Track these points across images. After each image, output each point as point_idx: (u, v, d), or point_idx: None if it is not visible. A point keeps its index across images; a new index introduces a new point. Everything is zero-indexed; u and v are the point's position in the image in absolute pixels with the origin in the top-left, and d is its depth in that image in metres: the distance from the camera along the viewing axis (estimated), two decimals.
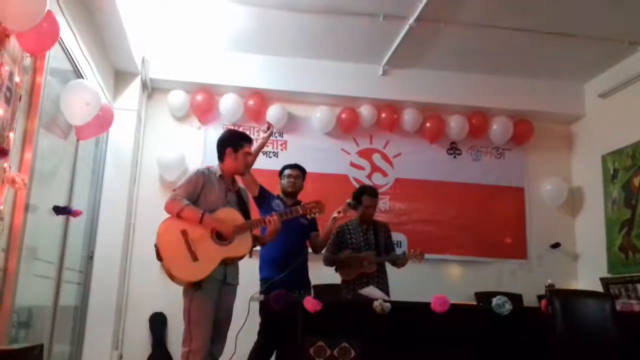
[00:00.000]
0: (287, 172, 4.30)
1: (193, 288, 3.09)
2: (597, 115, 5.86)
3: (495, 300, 3.34)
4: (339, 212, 4.07)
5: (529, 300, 5.45)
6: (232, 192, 3.43)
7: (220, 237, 3.18)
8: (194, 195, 3.24)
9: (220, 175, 3.40)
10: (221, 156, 3.45)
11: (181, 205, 3.14)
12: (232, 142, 3.44)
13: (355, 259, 4.29)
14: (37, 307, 3.73)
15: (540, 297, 5.40)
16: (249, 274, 3.93)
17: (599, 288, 5.31)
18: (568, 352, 2.99)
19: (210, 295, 3.14)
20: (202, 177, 3.32)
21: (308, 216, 3.64)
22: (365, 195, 4.43)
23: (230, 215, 3.25)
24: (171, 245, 3.09)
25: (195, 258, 3.08)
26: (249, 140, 3.51)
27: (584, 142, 6.07)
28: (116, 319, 4.98)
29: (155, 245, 3.12)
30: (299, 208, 3.53)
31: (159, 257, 3.12)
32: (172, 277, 3.11)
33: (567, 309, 3.05)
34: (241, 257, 3.29)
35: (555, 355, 3.01)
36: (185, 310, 3.14)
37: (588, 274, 5.70)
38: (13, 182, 2.73)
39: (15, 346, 2.24)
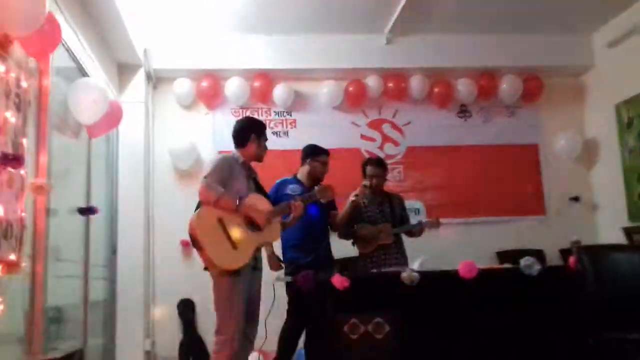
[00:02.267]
0: (323, 158, 4.22)
1: (231, 276, 3.09)
2: (607, 65, 5.76)
3: (523, 262, 3.34)
4: (356, 195, 4.05)
5: (551, 255, 5.47)
6: (251, 179, 3.44)
7: (252, 224, 3.19)
8: (223, 181, 3.21)
9: (242, 162, 3.40)
10: (243, 142, 3.44)
11: (217, 192, 3.12)
12: (257, 128, 3.48)
13: (372, 232, 4.27)
14: (68, 305, 3.78)
15: (562, 252, 5.42)
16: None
17: (621, 238, 5.30)
18: (600, 309, 2.99)
19: (245, 282, 3.16)
20: (228, 163, 3.31)
21: (322, 200, 3.64)
22: (368, 165, 4.39)
23: (260, 202, 3.26)
24: (210, 233, 3.08)
25: (234, 246, 3.09)
26: (266, 127, 3.58)
27: (596, 93, 5.98)
28: (145, 309, 5.04)
29: (192, 234, 3.09)
30: (315, 193, 3.54)
31: (197, 245, 3.09)
32: (212, 266, 3.11)
33: (597, 266, 3.05)
34: (271, 243, 3.31)
35: (588, 313, 3.01)
36: (221, 298, 3.13)
37: (608, 224, 5.68)
38: (41, 189, 2.74)
39: (56, 355, 2.26)
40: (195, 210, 3.20)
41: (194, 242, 3.11)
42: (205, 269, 3.21)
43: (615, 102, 5.57)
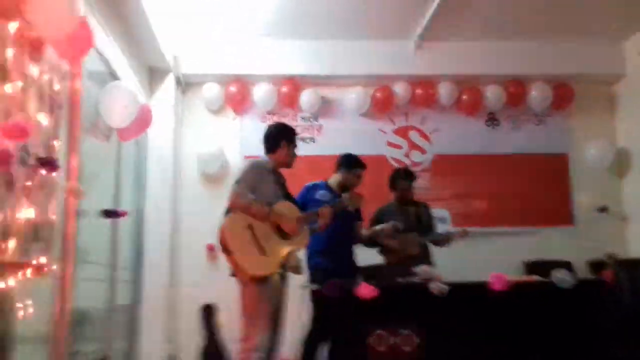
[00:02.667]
0: (359, 171, 4.18)
1: (259, 283, 3.08)
2: (639, 74, 5.63)
3: (556, 274, 3.26)
4: (382, 230, 4.14)
5: (578, 267, 5.35)
6: (280, 185, 3.42)
7: (281, 231, 3.19)
8: (254, 187, 3.21)
9: (272, 168, 3.39)
10: (274, 148, 3.44)
11: (248, 200, 3.12)
12: (288, 135, 3.48)
13: (398, 243, 4.22)
14: (94, 308, 3.80)
15: (591, 264, 5.31)
16: None
17: None
18: (637, 324, 2.90)
19: (272, 290, 3.16)
20: (259, 169, 3.31)
21: (349, 208, 3.61)
22: (399, 179, 4.37)
23: (289, 210, 3.26)
24: (240, 240, 3.08)
25: (263, 252, 3.09)
26: (296, 134, 3.58)
27: (628, 102, 5.86)
28: (169, 313, 5.06)
29: (221, 239, 3.10)
30: (343, 200, 3.53)
31: (227, 251, 3.09)
32: (240, 272, 3.10)
33: (634, 280, 2.95)
34: (299, 250, 3.30)
35: (624, 328, 2.93)
36: (248, 305, 3.11)
37: (639, 237, 5.54)
38: (75, 193, 2.76)
39: None
40: (225, 215, 3.20)
41: (224, 247, 3.11)
42: (233, 275, 3.19)
43: None
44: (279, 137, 3.44)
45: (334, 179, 4.21)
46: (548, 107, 5.87)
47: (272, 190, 3.30)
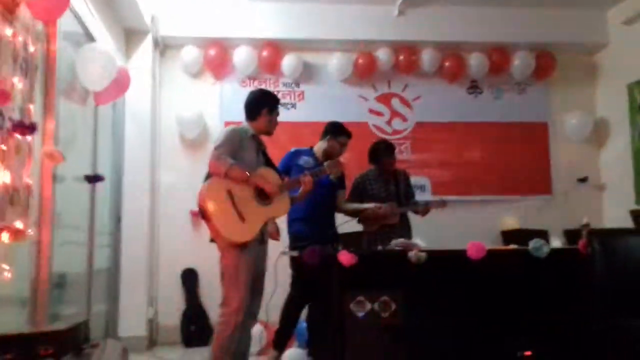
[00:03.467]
0: (343, 139, 4.17)
1: (239, 249, 3.07)
2: (621, 43, 5.65)
3: (532, 243, 3.32)
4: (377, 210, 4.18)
5: (555, 235, 5.43)
6: (260, 152, 3.39)
7: (261, 198, 3.16)
8: (234, 153, 3.17)
9: (252, 135, 3.34)
10: (255, 115, 3.37)
11: (227, 164, 3.08)
12: (270, 102, 3.40)
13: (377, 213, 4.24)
14: (73, 272, 3.79)
15: (566, 233, 5.40)
16: None
17: (628, 220, 5.26)
18: (609, 293, 2.97)
19: (253, 256, 3.15)
20: (239, 135, 3.26)
21: (330, 176, 3.60)
22: (381, 154, 4.38)
23: (269, 175, 3.23)
24: (219, 205, 3.05)
25: (243, 219, 3.06)
26: (279, 101, 3.50)
27: (609, 72, 5.89)
28: (149, 277, 5.06)
29: (201, 205, 3.07)
30: (324, 168, 3.48)
31: (206, 217, 3.07)
32: (219, 238, 3.09)
33: (607, 249, 3.01)
34: (279, 217, 3.29)
35: (596, 297, 3.00)
36: (228, 270, 3.11)
37: (615, 206, 5.65)
38: (52, 156, 2.71)
39: (61, 326, 2.26)
40: (205, 180, 3.17)
41: (203, 213, 3.09)
42: (212, 240, 3.19)
43: (628, 82, 5.49)
44: (261, 105, 3.38)
45: (319, 146, 4.20)
46: (530, 75, 5.88)
47: (252, 156, 3.27)
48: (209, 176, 3.17)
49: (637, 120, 5.38)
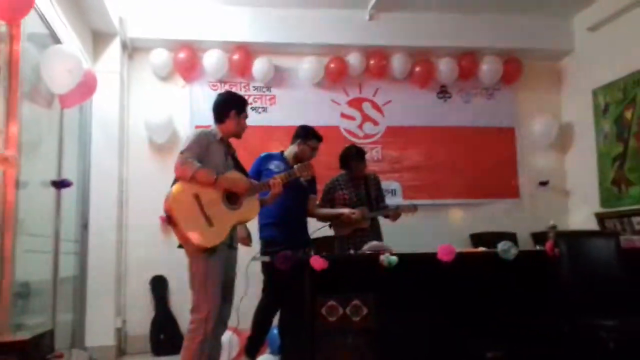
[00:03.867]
0: (313, 143, 4.14)
1: (207, 254, 3.02)
2: (586, 50, 5.78)
3: (500, 246, 3.36)
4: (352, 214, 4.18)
5: (523, 238, 5.53)
6: (229, 155, 3.35)
7: (230, 201, 3.12)
8: (201, 157, 3.12)
9: (220, 138, 3.30)
10: (223, 118, 3.33)
11: (194, 167, 3.02)
12: (238, 104, 3.36)
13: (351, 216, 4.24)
14: (37, 280, 3.68)
15: (534, 235, 5.50)
16: None
17: (593, 223, 5.40)
18: (576, 293, 3.03)
19: (222, 261, 3.11)
20: (207, 139, 3.21)
21: (301, 179, 3.57)
22: (352, 160, 4.38)
23: (239, 178, 3.18)
24: (186, 210, 3.00)
25: (210, 223, 3.02)
26: (247, 104, 3.46)
27: (574, 78, 6.01)
28: (117, 285, 4.97)
29: (167, 211, 3.02)
30: (295, 171, 3.44)
31: (173, 222, 3.02)
32: (187, 243, 3.04)
33: (573, 251, 3.08)
34: (248, 220, 3.25)
35: (564, 297, 3.06)
36: (197, 276, 3.06)
37: (580, 209, 5.77)
38: (5, 161, 2.63)
39: (25, 335, 2.19)
40: (172, 186, 3.11)
41: (169, 218, 3.03)
42: (180, 246, 3.13)
43: (593, 88, 5.61)
44: (228, 107, 3.33)
45: (290, 150, 4.18)
46: (498, 81, 5.97)
47: (221, 160, 3.22)
48: (176, 181, 3.11)
49: (601, 125, 5.50)
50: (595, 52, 5.61)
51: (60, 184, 3.82)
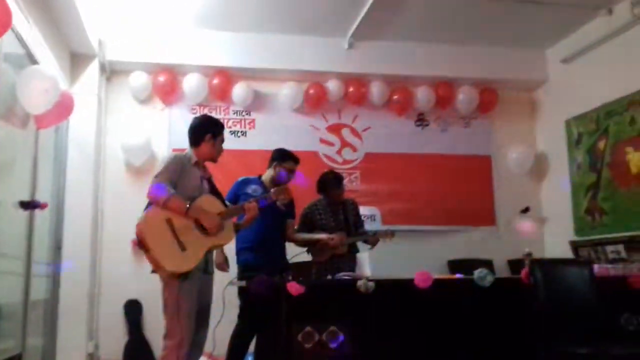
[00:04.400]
0: (289, 164, 4.11)
1: (180, 279, 2.97)
2: (559, 81, 5.92)
3: (477, 273, 3.38)
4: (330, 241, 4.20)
5: (499, 265, 5.58)
6: (205, 179, 3.31)
7: (203, 227, 3.07)
8: (174, 181, 3.08)
9: (195, 162, 3.27)
10: (198, 141, 3.30)
11: (167, 194, 2.98)
12: (213, 128, 3.33)
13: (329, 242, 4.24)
14: (6, 303, 3.59)
15: (510, 263, 5.55)
16: None
17: (567, 251, 5.46)
18: (550, 320, 3.05)
19: (195, 286, 3.06)
20: (180, 163, 3.17)
21: (277, 202, 3.56)
22: (329, 186, 4.40)
23: (212, 204, 3.14)
24: (158, 235, 2.95)
25: (183, 248, 2.97)
26: (223, 127, 3.44)
27: (548, 108, 6.14)
28: (89, 309, 4.87)
29: (139, 235, 2.96)
30: (271, 194, 3.41)
31: (144, 247, 2.96)
32: (159, 268, 2.98)
33: (548, 278, 3.11)
34: (223, 246, 3.21)
35: (538, 323, 3.07)
36: (170, 302, 3.01)
37: (556, 237, 5.83)
38: None
39: None
40: (145, 210, 3.07)
41: (141, 243, 2.97)
42: (153, 271, 3.07)
43: (566, 118, 5.73)
44: (204, 130, 3.31)
45: (267, 174, 4.17)
46: (474, 110, 6.07)
47: (196, 184, 3.19)
48: (149, 205, 3.07)
49: (574, 154, 5.61)
50: (569, 84, 5.74)
51: (28, 205, 3.71)
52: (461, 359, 3.29)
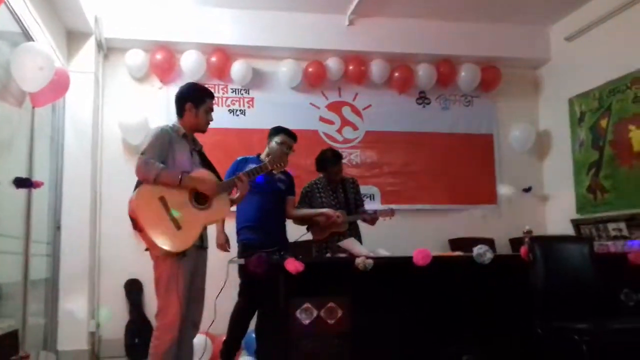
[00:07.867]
0: (285, 138, 4.08)
1: (177, 258, 2.89)
2: (563, 59, 5.85)
3: (476, 250, 3.36)
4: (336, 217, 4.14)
5: (501, 243, 5.57)
6: (196, 152, 3.21)
7: (198, 201, 2.99)
8: (163, 155, 2.97)
9: (184, 133, 3.15)
10: (181, 111, 3.18)
11: (156, 169, 2.88)
12: (193, 96, 3.17)
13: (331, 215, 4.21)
14: (6, 283, 3.59)
15: (512, 241, 5.53)
16: None
17: (569, 229, 5.44)
18: (549, 297, 3.04)
19: (191, 263, 3.00)
20: (168, 135, 3.05)
21: (274, 171, 3.49)
22: (328, 163, 4.37)
23: (207, 176, 3.05)
24: (151, 214, 2.84)
25: (178, 226, 2.87)
26: (211, 95, 3.26)
27: (551, 86, 6.08)
28: (90, 288, 4.87)
29: (131, 215, 2.88)
30: (266, 164, 3.31)
31: (138, 227, 2.87)
32: (154, 248, 2.90)
33: (547, 255, 3.10)
34: (220, 221, 3.16)
35: (537, 301, 3.06)
36: (162, 280, 2.94)
37: (557, 216, 5.81)
38: None
39: None
40: (135, 189, 2.97)
41: (134, 223, 2.89)
42: (147, 249, 3.00)
43: (569, 96, 5.67)
44: (184, 99, 3.16)
45: (266, 151, 4.15)
46: (476, 88, 6.01)
47: (186, 157, 3.08)
48: (139, 184, 2.97)
49: (577, 132, 5.56)
50: (572, 62, 5.67)
51: (22, 183, 3.63)
52: (460, 336, 3.28)
